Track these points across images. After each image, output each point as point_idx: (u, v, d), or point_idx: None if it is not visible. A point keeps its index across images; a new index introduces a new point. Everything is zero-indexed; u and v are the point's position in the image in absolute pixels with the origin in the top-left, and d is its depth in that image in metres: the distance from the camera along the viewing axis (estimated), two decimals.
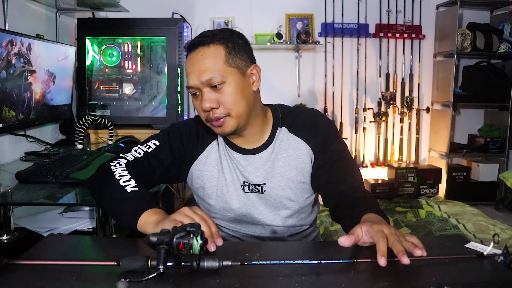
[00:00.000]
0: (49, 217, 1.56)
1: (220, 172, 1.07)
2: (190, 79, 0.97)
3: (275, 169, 1.06)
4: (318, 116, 1.10)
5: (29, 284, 0.66)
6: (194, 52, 0.98)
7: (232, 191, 1.07)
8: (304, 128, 1.07)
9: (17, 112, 1.70)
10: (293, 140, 1.07)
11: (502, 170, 3.50)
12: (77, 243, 0.90)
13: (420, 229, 2.68)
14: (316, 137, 1.06)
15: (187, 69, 0.99)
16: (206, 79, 0.95)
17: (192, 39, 1.02)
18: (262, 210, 1.08)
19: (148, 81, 2.51)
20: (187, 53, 1.00)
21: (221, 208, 1.08)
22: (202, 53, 0.97)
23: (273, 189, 1.06)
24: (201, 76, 0.95)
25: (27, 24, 2.02)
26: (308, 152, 1.06)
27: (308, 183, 1.08)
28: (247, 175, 1.06)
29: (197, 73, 0.96)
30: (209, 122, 1.00)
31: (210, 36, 0.97)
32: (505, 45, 3.41)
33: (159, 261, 0.67)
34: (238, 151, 1.07)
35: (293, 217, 1.10)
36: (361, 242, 0.78)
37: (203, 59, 0.96)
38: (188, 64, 0.99)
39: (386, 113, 3.51)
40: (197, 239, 0.67)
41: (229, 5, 3.34)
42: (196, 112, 1.04)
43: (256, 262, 0.73)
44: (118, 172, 0.95)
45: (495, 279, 0.71)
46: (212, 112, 0.97)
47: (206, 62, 0.96)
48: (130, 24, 2.45)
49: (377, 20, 3.50)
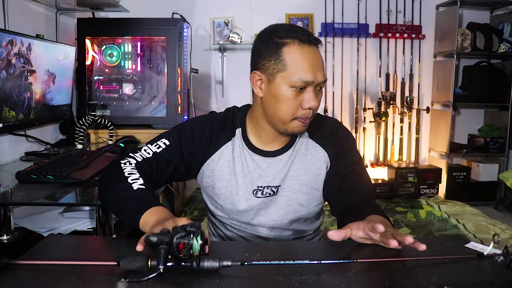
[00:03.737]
0: (49, 217, 1.56)
1: (232, 174, 1.06)
2: (311, 74, 0.93)
3: (291, 172, 1.07)
4: (339, 126, 1.12)
5: (29, 284, 0.66)
6: (311, 48, 0.95)
7: (242, 194, 1.06)
8: (324, 135, 1.09)
9: (17, 112, 1.70)
10: (312, 145, 1.08)
11: (502, 170, 3.50)
12: (77, 243, 0.89)
13: (420, 229, 2.68)
14: (334, 145, 1.07)
15: (300, 63, 0.94)
16: (324, 79, 0.96)
17: (299, 31, 0.96)
18: (271, 213, 1.07)
19: (148, 81, 2.51)
20: (299, 44, 0.95)
21: (228, 209, 1.08)
22: (318, 52, 0.97)
23: (286, 190, 1.07)
24: (321, 74, 0.95)
25: (27, 24, 2.02)
26: (325, 160, 1.08)
27: (320, 190, 1.09)
28: (266, 177, 1.06)
29: (320, 69, 0.95)
30: (297, 119, 0.97)
31: (316, 38, 0.98)
32: (505, 45, 3.40)
33: (159, 261, 0.67)
34: (258, 153, 1.06)
35: (299, 222, 1.10)
36: (355, 235, 0.82)
37: (320, 58, 0.97)
38: (303, 57, 0.94)
39: (386, 113, 3.51)
40: (197, 239, 0.67)
41: (229, 5, 3.34)
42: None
43: (256, 262, 0.73)
44: (128, 170, 0.96)
45: (495, 279, 0.71)
46: (312, 111, 0.97)
47: (322, 62, 0.97)
48: (130, 24, 2.45)
49: (377, 20, 3.50)
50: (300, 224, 1.10)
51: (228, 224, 1.12)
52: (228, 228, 1.12)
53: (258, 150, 1.06)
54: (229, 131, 1.07)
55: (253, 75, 1.01)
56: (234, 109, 1.12)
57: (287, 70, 0.94)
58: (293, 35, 0.95)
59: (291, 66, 0.94)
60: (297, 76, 0.93)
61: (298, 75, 0.93)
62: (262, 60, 0.98)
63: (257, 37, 1.02)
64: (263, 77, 0.98)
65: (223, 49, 3.36)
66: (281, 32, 0.96)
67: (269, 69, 0.96)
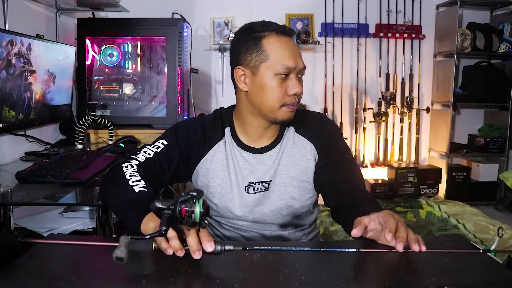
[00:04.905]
0: (49, 217, 1.56)
1: (226, 172, 1.08)
2: (293, 60, 0.99)
3: (280, 167, 1.09)
4: (324, 118, 1.15)
5: (29, 284, 0.66)
6: (287, 38, 1.02)
7: (235, 191, 1.08)
8: (310, 129, 1.11)
9: (17, 112, 1.70)
10: (298, 139, 1.10)
11: (502, 170, 3.50)
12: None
13: (420, 229, 2.68)
14: (321, 138, 1.10)
15: (281, 51, 0.99)
16: (304, 66, 1.01)
17: (273, 24, 1.03)
18: (264, 209, 1.09)
19: (148, 81, 2.51)
20: (276, 35, 1.01)
21: (223, 207, 1.09)
22: (294, 42, 1.04)
23: (277, 185, 1.08)
24: (301, 61, 1.01)
25: (27, 24, 2.02)
26: (313, 152, 1.10)
27: (311, 182, 1.10)
28: (257, 174, 1.08)
29: (299, 57, 1.01)
30: (285, 106, 1.01)
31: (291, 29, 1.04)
32: (505, 45, 3.40)
33: (162, 224, 0.69)
34: (248, 150, 1.09)
35: (294, 216, 1.11)
36: (369, 229, 0.81)
37: (297, 47, 1.03)
38: (283, 46, 1.00)
39: (386, 113, 3.51)
40: (199, 202, 0.69)
41: (229, 5, 3.34)
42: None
43: (258, 247, 0.75)
44: (129, 172, 0.97)
45: (495, 279, 0.71)
46: (297, 97, 1.02)
47: (299, 51, 1.03)
48: (130, 24, 2.45)
49: (377, 20, 3.50)
50: (295, 219, 1.12)
51: (225, 223, 1.13)
52: (224, 227, 1.14)
53: (247, 147, 1.09)
54: (220, 130, 1.10)
55: (236, 71, 1.05)
56: (221, 110, 1.16)
57: (269, 59, 0.99)
58: (269, 28, 1.01)
59: (273, 55, 0.99)
60: (280, 63, 0.98)
61: (281, 62, 0.98)
62: (244, 55, 1.02)
63: (234, 36, 1.07)
64: (247, 71, 1.02)
65: (223, 49, 3.36)
66: (258, 27, 1.02)
67: (252, 62, 1.01)
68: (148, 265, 0.73)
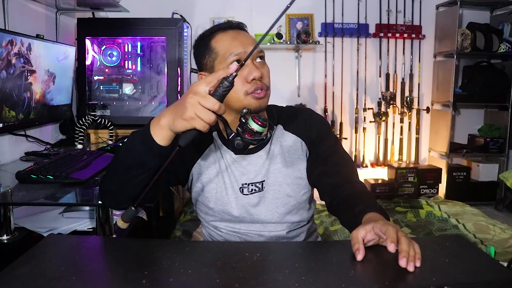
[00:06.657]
0: (49, 217, 1.57)
1: (219, 175, 1.08)
2: (241, 46, 0.99)
3: (272, 166, 1.09)
4: (312, 113, 1.16)
5: (29, 284, 0.66)
6: (234, 30, 1.03)
7: (230, 193, 1.08)
8: (299, 125, 1.12)
9: (17, 112, 1.70)
10: (288, 136, 1.11)
11: (502, 170, 3.50)
12: (77, 243, 0.89)
13: (420, 229, 2.68)
14: (310, 132, 1.11)
15: (227, 43, 1.01)
16: (259, 50, 1.00)
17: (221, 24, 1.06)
18: (261, 209, 1.09)
19: (148, 81, 2.51)
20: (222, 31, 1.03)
21: (220, 210, 1.09)
22: (245, 32, 1.05)
23: (272, 185, 1.08)
24: (251, 46, 0.99)
25: (27, 24, 2.02)
26: (303, 148, 1.11)
27: (305, 178, 1.11)
28: (248, 175, 1.08)
29: (249, 43, 1.01)
30: (250, 95, 0.99)
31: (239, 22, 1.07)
32: (505, 45, 3.40)
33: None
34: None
35: (291, 213, 1.11)
36: (366, 241, 0.80)
37: (248, 36, 1.04)
38: (228, 38, 1.02)
39: (386, 113, 3.51)
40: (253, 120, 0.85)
41: (229, 5, 3.34)
42: None
43: None
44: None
45: (495, 279, 0.71)
46: (261, 81, 1.00)
47: (251, 39, 1.04)
48: (130, 24, 2.45)
49: (377, 20, 3.50)
50: (292, 216, 1.12)
51: (223, 228, 1.12)
52: (222, 231, 1.13)
53: None
54: (209, 135, 1.10)
55: (199, 77, 1.06)
56: None
57: (219, 55, 1.01)
58: (215, 28, 1.04)
59: (221, 49, 1.01)
60: (228, 54, 0.99)
61: (229, 52, 0.99)
62: (201, 60, 1.05)
63: (192, 48, 1.10)
64: (207, 74, 1.03)
65: None
66: (207, 32, 1.06)
67: (208, 64, 1.03)
68: (148, 265, 0.73)
